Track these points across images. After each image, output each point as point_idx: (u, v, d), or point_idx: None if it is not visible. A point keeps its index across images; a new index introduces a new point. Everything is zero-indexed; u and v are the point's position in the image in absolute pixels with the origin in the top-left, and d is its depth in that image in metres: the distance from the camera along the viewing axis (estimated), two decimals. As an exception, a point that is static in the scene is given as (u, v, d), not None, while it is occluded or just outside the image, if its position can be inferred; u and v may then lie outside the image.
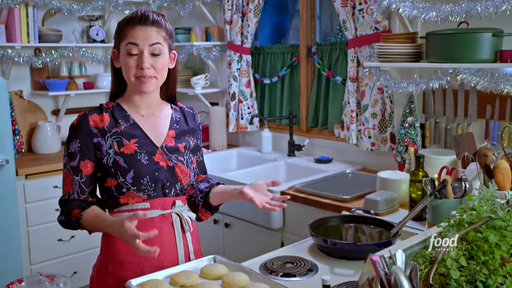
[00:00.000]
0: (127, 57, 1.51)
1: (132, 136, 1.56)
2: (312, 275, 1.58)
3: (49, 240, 3.19)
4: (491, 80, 2.21)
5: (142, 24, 1.51)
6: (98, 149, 1.54)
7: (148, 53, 1.51)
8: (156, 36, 1.52)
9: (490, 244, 1.21)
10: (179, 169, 1.60)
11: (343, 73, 3.16)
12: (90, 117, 1.55)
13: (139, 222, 1.47)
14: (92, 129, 1.54)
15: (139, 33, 1.50)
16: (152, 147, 1.58)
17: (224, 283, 1.43)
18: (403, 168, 2.64)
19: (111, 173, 1.53)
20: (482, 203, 1.33)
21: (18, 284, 1.06)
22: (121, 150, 1.54)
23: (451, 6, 2.24)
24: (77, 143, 1.54)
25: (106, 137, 1.54)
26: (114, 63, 1.59)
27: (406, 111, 2.64)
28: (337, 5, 2.91)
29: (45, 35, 3.48)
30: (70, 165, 1.55)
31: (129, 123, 1.58)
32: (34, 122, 3.62)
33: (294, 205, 2.61)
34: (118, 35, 1.55)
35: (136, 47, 1.50)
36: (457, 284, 1.14)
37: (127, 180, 1.53)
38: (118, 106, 1.60)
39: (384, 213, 2.17)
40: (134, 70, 1.52)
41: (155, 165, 1.56)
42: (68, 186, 1.57)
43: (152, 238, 1.48)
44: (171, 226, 1.60)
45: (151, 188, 1.55)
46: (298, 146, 3.31)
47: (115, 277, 1.56)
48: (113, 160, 1.53)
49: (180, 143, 1.64)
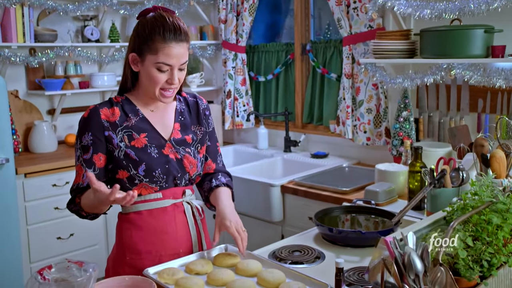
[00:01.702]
0: (156, 72, 1.51)
1: (142, 130, 1.59)
2: (320, 262, 1.64)
3: (48, 238, 3.20)
4: (484, 75, 2.31)
5: (176, 40, 1.49)
6: (109, 142, 1.56)
7: (177, 69, 1.53)
8: (186, 54, 1.54)
9: (493, 226, 1.28)
10: (187, 160, 1.63)
11: (337, 70, 3.23)
12: (101, 111, 1.57)
13: (153, 210, 1.59)
14: (103, 122, 1.56)
15: (173, 53, 1.49)
16: (161, 140, 1.61)
17: (238, 269, 1.49)
18: (398, 161, 2.72)
19: (122, 165, 1.56)
20: (483, 189, 1.41)
21: (48, 270, 1.09)
22: (132, 143, 1.57)
23: (444, 4, 2.32)
24: (89, 136, 1.55)
25: (117, 131, 1.57)
26: (131, 66, 1.57)
27: (401, 106, 2.72)
28: (331, 3, 2.98)
29: (41, 35, 3.49)
30: (83, 158, 1.56)
31: (138, 117, 1.60)
32: (30, 121, 3.63)
33: (294, 198, 2.67)
34: (147, 45, 1.50)
35: (168, 66, 1.51)
36: (464, 263, 1.21)
37: (139, 173, 1.56)
38: (127, 100, 1.62)
39: (384, 203, 2.25)
40: (162, 84, 1.53)
41: (165, 157, 1.59)
42: (78, 177, 1.58)
43: (164, 227, 1.57)
44: (183, 214, 1.65)
45: (163, 180, 1.59)
46: (294, 142, 3.37)
47: (133, 267, 1.58)
48: (124, 153, 1.56)
49: (187, 135, 1.66)
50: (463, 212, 1.36)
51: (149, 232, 1.59)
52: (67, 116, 3.89)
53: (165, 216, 1.60)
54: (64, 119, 3.88)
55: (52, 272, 1.10)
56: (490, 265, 1.23)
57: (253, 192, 2.80)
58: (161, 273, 1.44)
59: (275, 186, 2.70)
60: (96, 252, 3.43)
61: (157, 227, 1.59)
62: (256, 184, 2.78)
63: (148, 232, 1.59)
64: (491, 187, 1.43)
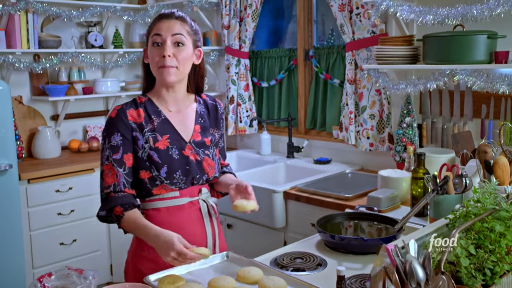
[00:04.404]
0: (152, 48, 1.61)
1: (165, 132, 1.65)
2: (322, 269, 1.63)
3: (51, 244, 3.20)
4: (487, 80, 2.30)
5: (167, 17, 1.62)
6: (135, 143, 1.63)
7: (171, 43, 1.60)
8: (179, 28, 1.61)
9: (496, 234, 1.27)
10: (206, 162, 1.71)
11: (340, 76, 3.23)
12: (128, 112, 1.63)
13: (169, 208, 1.66)
14: (131, 124, 1.62)
15: (163, 25, 1.61)
16: (181, 142, 1.67)
17: (239, 277, 1.48)
18: (401, 167, 2.71)
19: (145, 166, 1.62)
20: (486, 196, 1.40)
21: (48, 277, 1.09)
22: (156, 145, 1.62)
23: (447, 10, 2.32)
24: (118, 136, 1.61)
25: (143, 132, 1.63)
26: (144, 59, 1.69)
27: (404, 112, 2.71)
28: (334, 9, 2.98)
29: (45, 41, 3.51)
30: (113, 157, 1.60)
31: (160, 118, 1.66)
32: (33, 127, 3.64)
33: (297, 204, 2.66)
34: (147, 32, 1.66)
35: (159, 37, 1.60)
36: (466, 271, 1.20)
37: (161, 174, 1.62)
38: (150, 101, 1.69)
39: (386, 210, 2.24)
40: (157, 58, 1.60)
41: (186, 159, 1.66)
42: (112, 178, 1.60)
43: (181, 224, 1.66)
44: (198, 211, 1.72)
45: (182, 181, 1.66)
46: (297, 147, 3.37)
47: (151, 261, 1.63)
48: (147, 154, 1.62)
49: (206, 138, 1.73)
50: (466, 219, 1.35)
51: (166, 228, 1.60)
52: (70, 122, 3.91)
53: (182, 213, 1.67)
54: (68, 124, 3.89)
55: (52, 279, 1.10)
56: (493, 274, 1.22)
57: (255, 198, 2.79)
58: (162, 280, 1.44)
59: (277, 192, 2.70)
60: (99, 258, 3.43)
61: (174, 223, 1.65)
62: (258, 190, 2.77)
63: (165, 228, 1.60)
64: (494, 194, 1.42)
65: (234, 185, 1.69)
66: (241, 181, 1.70)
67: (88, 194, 3.35)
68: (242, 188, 1.67)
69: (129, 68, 4.22)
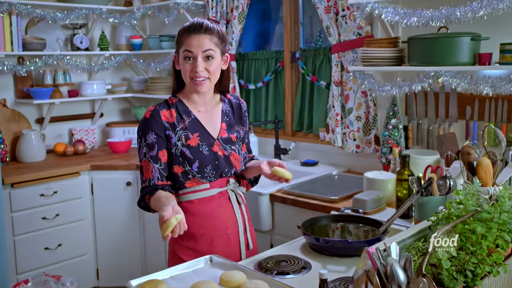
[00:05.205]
0: (184, 62, 1.75)
1: (195, 130, 1.80)
2: (306, 272, 1.62)
3: (35, 248, 3.16)
4: (471, 82, 2.31)
5: (196, 32, 1.73)
6: (168, 141, 1.78)
7: (202, 58, 1.73)
8: (208, 44, 1.73)
9: (477, 236, 1.27)
10: (233, 157, 1.85)
11: (327, 78, 3.23)
12: (161, 113, 1.78)
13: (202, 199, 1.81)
14: (164, 123, 1.77)
15: (193, 41, 1.72)
16: (210, 139, 1.82)
17: (222, 281, 1.47)
18: (387, 169, 2.71)
19: (179, 161, 1.77)
20: (468, 198, 1.40)
21: (24, 284, 1.07)
22: (188, 142, 1.78)
23: (431, 12, 2.33)
24: (153, 135, 1.76)
25: (176, 131, 1.78)
26: (175, 66, 1.83)
27: (390, 114, 2.72)
28: (320, 11, 2.98)
29: (29, 43, 3.47)
30: (150, 154, 1.76)
31: (190, 118, 1.81)
32: (18, 130, 3.60)
33: (283, 207, 2.66)
34: (177, 42, 1.79)
35: (191, 53, 1.73)
36: (448, 274, 1.20)
37: (193, 169, 1.77)
38: (180, 101, 1.83)
39: (372, 212, 2.24)
40: (189, 72, 1.75)
41: (215, 154, 1.80)
42: (148, 173, 1.76)
43: (213, 213, 1.82)
44: (228, 200, 1.86)
45: (212, 175, 1.80)
46: (284, 150, 3.36)
47: (189, 248, 1.81)
48: (180, 151, 1.77)
49: (232, 134, 1.88)
50: (448, 221, 1.35)
51: (201, 217, 1.80)
52: (56, 125, 3.87)
53: (213, 203, 1.82)
54: (53, 128, 3.86)
55: (29, 286, 1.08)
56: (474, 275, 1.22)
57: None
58: (143, 285, 1.42)
59: (264, 195, 2.69)
60: (85, 262, 3.40)
61: (207, 213, 1.81)
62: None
63: (200, 217, 1.80)
64: (476, 196, 1.42)
65: (265, 161, 1.84)
66: (273, 159, 1.85)
67: (73, 198, 3.32)
68: (274, 164, 1.81)
69: (115, 71, 4.19)
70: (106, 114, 4.16)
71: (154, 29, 4.18)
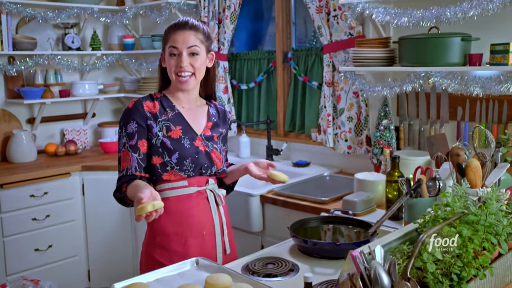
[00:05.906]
0: (169, 58, 1.77)
1: (178, 123, 1.81)
2: (293, 275, 1.60)
3: (25, 250, 3.14)
4: (461, 83, 2.30)
5: (181, 29, 1.76)
6: (149, 131, 1.77)
7: (187, 54, 1.75)
8: (193, 40, 1.76)
9: (464, 238, 1.26)
10: (214, 154, 1.86)
11: (319, 78, 3.22)
12: (144, 103, 1.79)
13: (179, 196, 1.79)
14: (146, 113, 1.77)
15: (178, 37, 1.75)
16: (193, 134, 1.83)
17: (207, 284, 1.45)
18: (379, 169, 2.70)
19: (158, 152, 1.77)
20: (456, 200, 1.39)
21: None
22: (169, 134, 1.78)
23: (422, 12, 2.31)
24: (134, 124, 1.76)
25: (157, 121, 1.78)
26: (161, 63, 1.84)
27: (381, 114, 2.71)
28: (312, 11, 2.97)
29: (19, 43, 3.44)
30: (129, 144, 1.76)
31: (174, 112, 1.82)
32: (8, 131, 3.58)
33: (274, 208, 2.64)
34: (163, 40, 1.80)
35: (176, 49, 1.75)
36: (433, 277, 1.19)
37: (172, 160, 1.77)
38: (165, 97, 1.85)
39: (362, 213, 2.22)
40: (174, 68, 1.76)
41: (196, 149, 1.81)
42: (126, 162, 1.75)
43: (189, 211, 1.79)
44: (206, 200, 1.84)
45: (191, 168, 1.79)
46: (276, 150, 3.34)
47: (163, 248, 1.79)
48: (161, 141, 1.77)
49: (215, 133, 1.90)
50: (434, 223, 1.34)
51: (176, 216, 1.78)
52: (47, 125, 3.85)
53: (190, 202, 1.80)
54: (44, 128, 3.83)
55: (6, 291, 1.06)
56: (460, 279, 1.21)
57: (232, 202, 2.75)
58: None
59: (254, 196, 2.68)
60: (76, 263, 3.38)
61: (183, 212, 1.79)
62: (235, 194, 2.73)
63: (175, 216, 1.78)
64: (464, 198, 1.41)
65: (252, 162, 1.87)
66: (260, 160, 1.90)
67: (64, 198, 3.30)
68: (263, 165, 1.86)
69: (107, 71, 4.16)
70: (98, 114, 4.14)
71: (146, 28, 4.16)
